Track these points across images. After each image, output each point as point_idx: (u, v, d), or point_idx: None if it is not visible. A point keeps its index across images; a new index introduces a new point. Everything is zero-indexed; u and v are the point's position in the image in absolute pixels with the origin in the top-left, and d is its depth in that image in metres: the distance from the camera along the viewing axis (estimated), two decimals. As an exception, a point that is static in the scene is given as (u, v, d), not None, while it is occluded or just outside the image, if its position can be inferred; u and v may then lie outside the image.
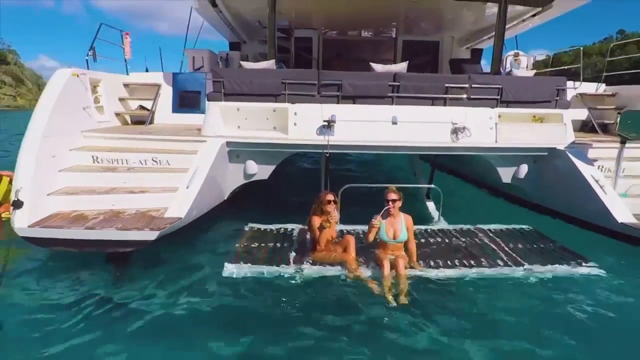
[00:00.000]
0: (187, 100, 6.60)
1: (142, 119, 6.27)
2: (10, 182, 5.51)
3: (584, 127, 6.91)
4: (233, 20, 7.29)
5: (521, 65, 8.34)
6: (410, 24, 8.38)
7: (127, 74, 6.86)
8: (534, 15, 6.76)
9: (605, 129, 6.58)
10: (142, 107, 6.43)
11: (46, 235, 3.71)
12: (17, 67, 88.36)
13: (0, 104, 75.60)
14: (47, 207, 4.02)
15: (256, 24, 7.76)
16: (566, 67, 8.57)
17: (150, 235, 3.67)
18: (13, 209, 3.71)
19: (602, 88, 7.24)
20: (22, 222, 3.68)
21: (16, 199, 3.72)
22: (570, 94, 7.07)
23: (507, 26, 7.35)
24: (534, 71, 6.64)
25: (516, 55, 8.30)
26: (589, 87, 7.26)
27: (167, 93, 6.58)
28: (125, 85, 6.49)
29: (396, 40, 9.27)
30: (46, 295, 3.40)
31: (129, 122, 6.36)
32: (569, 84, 7.15)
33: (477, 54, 9.53)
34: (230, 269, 3.74)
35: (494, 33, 6.81)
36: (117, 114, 6.13)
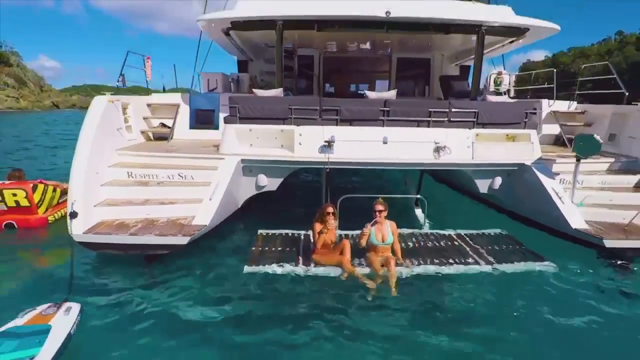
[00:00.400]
0: (202, 118, 7.42)
1: (163, 135, 7.08)
2: (54, 189, 6.42)
3: (557, 140, 7.71)
4: (242, 44, 8.10)
5: (503, 82, 9.18)
6: (404, 44, 9.18)
7: (149, 94, 7.68)
8: (511, 42, 7.56)
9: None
10: (163, 125, 7.24)
11: (98, 241, 4.52)
12: (19, 69, 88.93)
13: (3, 105, 76.06)
14: (94, 216, 4.83)
15: (263, 45, 8.56)
16: (543, 86, 9.26)
17: (183, 240, 4.49)
18: (70, 219, 4.52)
19: (573, 106, 8.03)
20: (78, 229, 4.49)
21: (72, 211, 4.53)
22: (545, 111, 7.94)
23: (488, 50, 8.18)
24: (504, 97, 7.45)
25: (499, 74, 9.12)
26: (562, 105, 8.06)
27: (184, 111, 7.39)
28: (148, 105, 7.30)
29: (391, 57, 10.07)
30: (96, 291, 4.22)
31: (152, 138, 7.17)
32: (544, 102, 8.02)
33: (465, 70, 10.32)
34: (250, 269, 4.55)
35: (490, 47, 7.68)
36: (142, 132, 6.95)
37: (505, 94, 9.58)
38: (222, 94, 7.52)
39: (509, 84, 9.31)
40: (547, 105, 7.97)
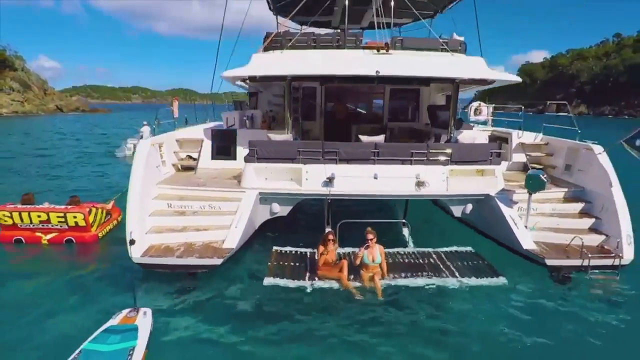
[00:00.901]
0: (222, 150, 8.75)
1: (190, 166, 8.40)
2: (102, 211, 7.84)
3: (524, 168, 9.01)
4: (255, 85, 9.40)
5: (482, 113, 10.49)
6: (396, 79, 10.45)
7: (175, 129, 8.99)
8: (483, 85, 8.86)
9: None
10: (190, 157, 8.55)
11: (151, 262, 5.84)
12: (24, 73, 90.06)
13: (8, 109, 77.23)
14: (146, 242, 6.13)
15: (272, 83, 9.84)
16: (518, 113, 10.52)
17: (217, 261, 5.81)
18: (129, 245, 5.83)
19: (539, 138, 9.30)
20: (136, 253, 5.81)
21: (131, 239, 5.84)
22: (515, 142, 9.25)
23: (464, 89, 9.49)
24: (478, 132, 8.79)
25: (478, 106, 10.43)
26: (529, 137, 9.33)
27: (207, 145, 8.71)
28: (177, 140, 8.62)
29: (384, 88, 11.34)
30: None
31: (180, 168, 8.48)
32: (514, 134, 9.32)
33: (450, 99, 11.60)
34: (268, 281, 5.87)
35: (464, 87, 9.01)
36: (173, 164, 8.26)
37: (485, 122, 10.93)
38: (239, 129, 8.85)
39: (487, 114, 10.62)
40: (517, 137, 9.27)
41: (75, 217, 7.50)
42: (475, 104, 10.52)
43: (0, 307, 5.45)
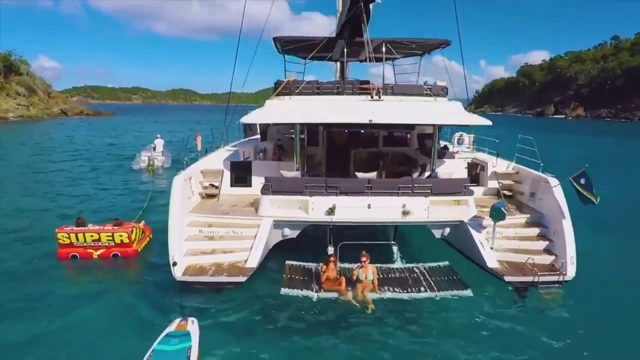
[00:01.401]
0: (239, 179, 10.27)
1: (212, 194, 9.90)
2: (139, 230, 9.41)
3: (497, 193, 10.49)
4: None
5: (464, 142, 11.99)
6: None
7: (197, 160, 10.49)
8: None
9: (510, 196, 10.21)
10: (212, 185, 10.06)
11: (190, 280, 7.34)
12: (29, 77, 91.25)
13: (15, 114, 78.53)
14: (184, 263, 7.61)
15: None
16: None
17: (243, 279, 7.31)
18: (172, 267, 7.31)
19: (511, 167, 10.78)
20: (178, 273, 7.30)
21: (174, 261, 7.33)
22: (490, 170, 10.74)
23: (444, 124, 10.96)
24: (459, 162, 10.30)
25: (461, 135, 11.94)
26: (502, 166, 10.80)
27: (227, 175, 10.21)
28: (201, 171, 10.12)
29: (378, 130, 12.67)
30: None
31: (204, 195, 9.97)
32: (490, 163, 10.79)
33: (438, 129, 13.08)
34: (284, 291, 7.38)
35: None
36: (199, 193, 9.77)
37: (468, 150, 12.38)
38: (253, 161, 10.37)
39: (470, 142, 12.11)
40: (492, 166, 10.76)
41: (121, 235, 9.17)
42: (457, 135, 12.01)
43: (67, 310, 6.98)
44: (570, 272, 7.66)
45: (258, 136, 13.11)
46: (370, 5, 8.87)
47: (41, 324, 6.73)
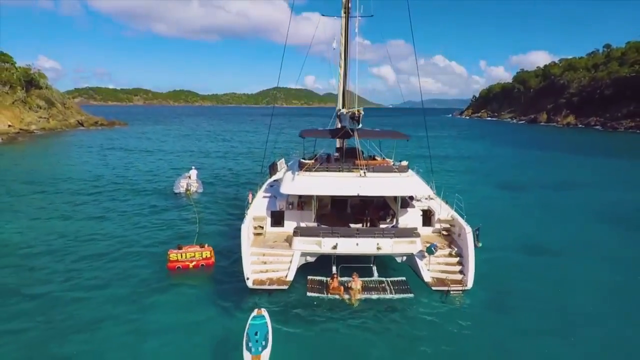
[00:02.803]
0: (276, 222, 16.15)
1: (260, 232, 15.78)
2: (211, 249, 15.46)
3: (440, 232, 16.30)
4: None
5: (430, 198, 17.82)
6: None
7: (249, 208, 16.36)
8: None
9: (447, 235, 16.06)
10: (259, 227, 15.92)
11: (256, 287, 13.24)
12: (47, 91, 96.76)
13: (37, 126, 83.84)
14: (252, 278, 13.45)
15: None
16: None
17: (285, 287, 13.25)
18: (247, 280, 13.16)
19: (450, 214, 16.59)
20: (250, 284, 13.17)
21: (247, 277, 13.19)
22: (437, 215, 16.62)
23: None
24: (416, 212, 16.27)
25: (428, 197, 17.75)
26: (446, 212, 16.62)
27: (268, 220, 16.10)
28: (253, 218, 15.94)
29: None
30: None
31: (255, 233, 15.81)
32: (437, 210, 16.68)
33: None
34: (309, 294, 13.29)
35: None
36: (252, 232, 15.63)
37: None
38: (285, 211, 16.26)
39: (430, 197, 17.93)
40: (438, 213, 16.60)
41: (207, 253, 15.34)
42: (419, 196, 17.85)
43: (182, 300, 12.88)
44: (470, 284, 13.52)
45: (281, 175, 19.08)
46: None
47: (167, 306, 12.76)
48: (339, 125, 19.52)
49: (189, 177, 30.97)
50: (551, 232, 21.36)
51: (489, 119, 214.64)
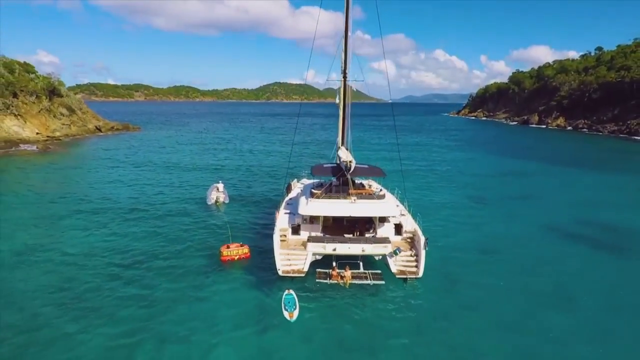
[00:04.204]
0: (295, 232, 23.70)
1: (284, 239, 23.32)
2: (245, 248, 23.32)
3: (406, 240, 23.80)
4: None
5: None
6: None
7: (276, 220, 23.89)
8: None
9: (410, 240, 23.59)
10: (284, 235, 23.45)
11: (284, 275, 20.80)
12: (68, 99, 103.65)
13: (61, 133, 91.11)
14: (282, 268, 20.99)
15: None
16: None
17: (302, 274, 20.86)
18: (278, 270, 20.69)
19: (413, 227, 24.05)
20: (280, 272, 20.71)
21: (278, 268, 20.73)
22: (405, 228, 24.21)
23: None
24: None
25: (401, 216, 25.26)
26: (411, 226, 24.10)
27: (289, 230, 23.63)
28: (280, 229, 23.45)
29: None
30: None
31: (281, 240, 23.32)
32: (405, 223, 24.30)
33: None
34: (318, 280, 20.87)
35: None
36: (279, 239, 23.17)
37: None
38: (301, 224, 23.79)
39: (402, 213, 25.45)
40: (405, 226, 24.07)
41: (245, 250, 23.09)
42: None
43: (234, 283, 20.48)
44: (420, 274, 21.01)
45: (294, 194, 26.66)
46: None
47: (226, 285, 20.41)
48: (340, 153, 26.78)
49: (217, 189, 38.52)
50: (494, 238, 28.92)
51: (485, 119, 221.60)
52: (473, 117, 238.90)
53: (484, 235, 29.28)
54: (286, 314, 17.27)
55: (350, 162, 22.88)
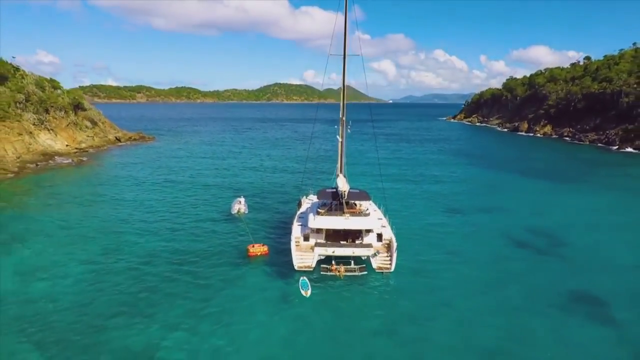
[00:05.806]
0: (305, 239, 33.20)
1: (298, 244, 32.77)
2: (265, 247, 33.26)
3: (385, 244, 33.18)
4: None
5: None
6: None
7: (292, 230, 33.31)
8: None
9: (387, 245, 33.02)
10: (297, 240, 32.90)
11: (298, 269, 30.29)
12: (91, 112, 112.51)
13: (87, 144, 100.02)
14: (297, 264, 30.43)
15: None
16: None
17: (311, 269, 30.40)
18: (295, 265, 30.15)
19: (390, 235, 33.42)
20: (295, 267, 30.18)
21: (295, 263, 30.20)
22: (384, 237, 33.72)
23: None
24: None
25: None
26: (388, 235, 33.47)
27: (301, 237, 33.09)
28: (295, 237, 32.84)
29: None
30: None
31: (296, 245, 32.74)
32: (385, 232, 33.83)
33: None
34: (322, 271, 30.37)
35: None
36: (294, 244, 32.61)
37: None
38: (310, 233, 33.24)
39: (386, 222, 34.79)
40: (384, 234, 33.44)
41: (265, 248, 33.28)
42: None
43: (258, 276, 29.97)
44: (393, 268, 30.39)
45: (304, 209, 36.20)
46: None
47: (253, 275, 29.93)
48: (338, 182, 35.97)
49: (240, 202, 48.05)
50: (456, 243, 38.29)
51: (479, 124, 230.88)
52: (468, 123, 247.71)
53: (449, 240, 38.68)
54: (303, 292, 26.65)
55: (344, 191, 32.35)
